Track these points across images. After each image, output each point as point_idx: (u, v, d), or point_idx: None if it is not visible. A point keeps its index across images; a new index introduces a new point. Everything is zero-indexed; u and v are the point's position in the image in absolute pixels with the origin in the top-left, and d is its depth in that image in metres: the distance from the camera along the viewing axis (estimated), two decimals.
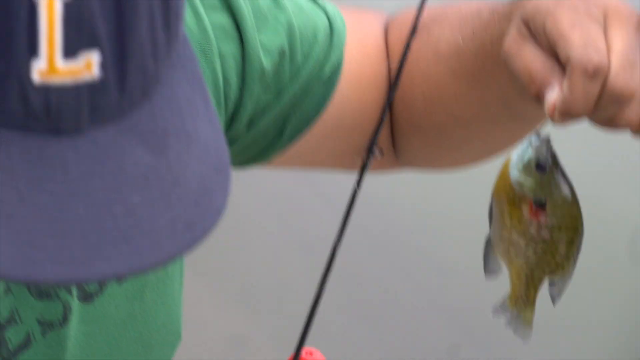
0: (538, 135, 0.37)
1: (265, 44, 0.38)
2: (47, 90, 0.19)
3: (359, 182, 0.39)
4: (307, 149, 0.43)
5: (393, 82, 0.41)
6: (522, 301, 0.40)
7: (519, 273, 0.39)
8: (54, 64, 0.19)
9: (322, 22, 0.41)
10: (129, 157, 0.21)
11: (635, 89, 0.30)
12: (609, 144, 1.34)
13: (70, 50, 0.19)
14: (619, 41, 0.30)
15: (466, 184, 1.30)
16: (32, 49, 0.18)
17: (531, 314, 0.41)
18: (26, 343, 0.34)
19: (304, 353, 0.43)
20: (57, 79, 0.19)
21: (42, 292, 0.34)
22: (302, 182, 1.70)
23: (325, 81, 0.41)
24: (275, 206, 1.81)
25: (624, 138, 0.34)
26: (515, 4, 0.34)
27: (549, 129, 0.37)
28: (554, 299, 0.39)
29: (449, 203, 1.78)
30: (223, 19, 0.38)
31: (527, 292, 0.40)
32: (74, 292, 0.35)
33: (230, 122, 0.39)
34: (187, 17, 0.33)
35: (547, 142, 0.37)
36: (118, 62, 0.20)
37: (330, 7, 0.42)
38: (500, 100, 0.39)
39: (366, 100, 0.42)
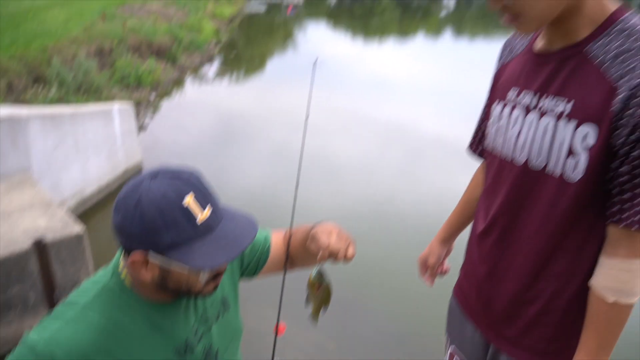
0: (319, 265, 1.06)
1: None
2: (205, 222, 0.89)
3: (284, 273, 1.22)
4: (266, 270, 1.24)
5: (287, 251, 1.20)
6: (315, 315, 1.11)
7: (314, 306, 1.10)
8: (202, 216, 0.88)
9: (264, 233, 1.26)
10: (237, 221, 0.95)
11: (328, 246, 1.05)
12: None
13: (204, 208, 0.89)
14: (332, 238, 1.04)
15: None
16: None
17: (317, 320, 1.11)
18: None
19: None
20: (204, 217, 0.88)
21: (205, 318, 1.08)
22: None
23: (266, 250, 1.23)
24: None
25: None
26: (313, 228, 1.10)
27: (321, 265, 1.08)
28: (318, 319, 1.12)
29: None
30: None
31: (316, 312, 1.11)
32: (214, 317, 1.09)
33: (241, 266, 1.21)
34: None
35: (322, 266, 1.07)
36: (214, 207, 0.91)
37: (266, 231, 1.27)
38: (306, 254, 1.13)
39: (279, 256, 1.24)
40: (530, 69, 1.16)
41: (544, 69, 1.11)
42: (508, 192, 1.19)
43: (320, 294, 1.07)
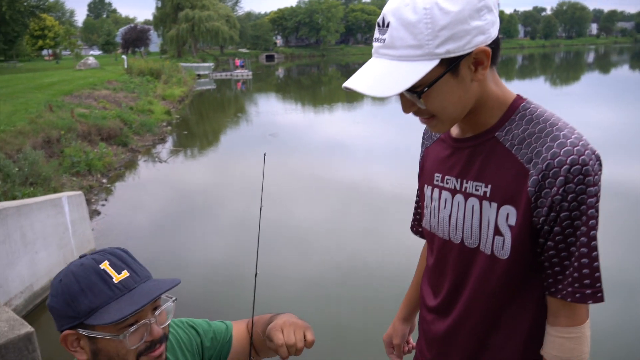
0: None
1: (206, 334, 1.18)
2: (121, 282, 0.90)
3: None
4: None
5: (250, 339, 1.19)
6: None
7: None
8: (118, 277, 0.90)
9: (225, 325, 1.23)
10: (160, 282, 0.93)
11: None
12: None
13: (120, 272, 0.91)
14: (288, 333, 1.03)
15: None
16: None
17: None
18: None
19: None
20: (120, 278, 0.90)
21: None
22: None
23: (227, 341, 1.20)
24: None
25: None
26: (273, 319, 1.11)
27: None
28: None
29: None
30: (193, 332, 1.17)
31: None
32: None
33: (203, 358, 1.18)
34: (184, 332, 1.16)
35: None
36: (135, 271, 0.93)
37: (227, 322, 1.25)
38: (266, 345, 1.09)
39: (242, 346, 1.20)
40: (448, 154, 1.22)
41: (462, 155, 1.17)
42: (454, 269, 1.23)
43: None
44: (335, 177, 8.87)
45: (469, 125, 1.15)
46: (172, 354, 1.08)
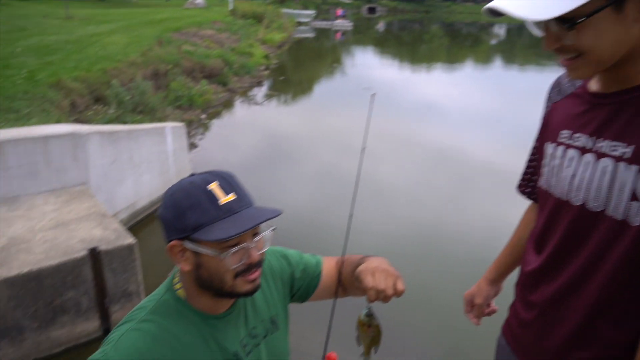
0: (368, 306, 1.08)
1: (297, 266, 1.23)
2: (227, 204, 0.94)
3: (334, 301, 1.23)
4: (317, 296, 1.26)
5: (339, 277, 1.22)
6: (367, 355, 1.12)
7: (365, 345, 1.11)
8: (224, 199, 0.94)
9: (316, 260, 1.27)
10: (263, 209, 0.98)
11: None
12: None
13: (227, 194, 0.96)
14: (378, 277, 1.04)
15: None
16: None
17: (369, 359, 1.14)
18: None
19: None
20: (226, 200, 0.94)
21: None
22: None
23: (316, 276, 1.25)
24: None
25: None
26: (363, 261, 1.12)
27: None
28: (371, 356, 1.15)
29: None
30: (284, 262, 1.23)
31: (367, 352, 1.13)
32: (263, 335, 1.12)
33: (292, 289, 1.23)
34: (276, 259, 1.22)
35: (371, 308, 1.08)
36: (240, 196, 0.97)
37: (318, 257, 1.29)
38: (354, 285, 1.11)
39: (330, 282, 1.25)
40: (583, 111, 1.12)
41: (600, 112, 1.07)
42: (565, 233, 1.14)
43: (370, 333, 1.08)
44: (425, 139, 8.68)
45: (615, 79, 1.04)
46: (264, 280, 1.14)
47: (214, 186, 0.93)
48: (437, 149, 8.14)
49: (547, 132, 1.24)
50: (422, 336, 3.68)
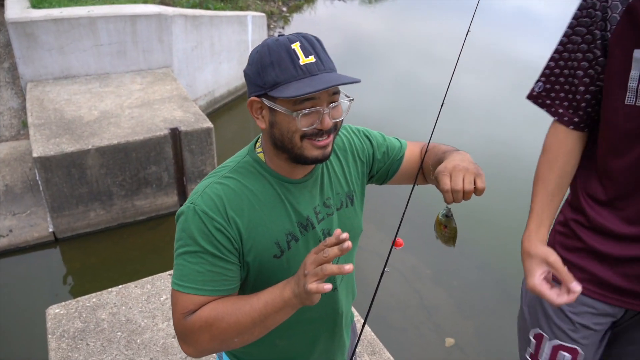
0: (447, 206, 1.06)
1: (379, 147, 1.21)
2: (306, 65, 0.93)
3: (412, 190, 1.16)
4: (397, 180, 1.24)
5: (421, 162, 1.19)
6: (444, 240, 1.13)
7: (443, 241, 1.12)
8: (304, 60, 0.93)
9: (400, 144, 1.24)
10: (342, 75, 0.94)
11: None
12: None
13: (307, 55, 0.94)
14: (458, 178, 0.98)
15: None
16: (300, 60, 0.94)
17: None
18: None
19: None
20: (306, 61, 0.93)
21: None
22: None
23: (398, 159, 1.22)
24: None
25: None
26: (446, 156, 1.09)
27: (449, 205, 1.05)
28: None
29: None
30: (367, 142, 1.21)
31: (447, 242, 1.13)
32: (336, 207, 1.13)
33: (371, 169, 1.22)
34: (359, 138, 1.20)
35: (449, 209, 1.08)
36: (321, 60, 0.95)
37: (403, 141, 1.26)
38: (432, 178, 1.06)
39: (411, 168, 1.22)
40: None
41: None
42: None
43: (447, 234, 1.07)
44: (516, 54, 8.07)
45: None
46: (343, 156, 1.15)
47: (296, 46, 0.93)
48: (528, 63, 7.56)
49: (630, 37, 1.04)
50: (480, 251, 3.70)
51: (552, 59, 1.23)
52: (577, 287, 1.07)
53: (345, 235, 0.81)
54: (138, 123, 3.71)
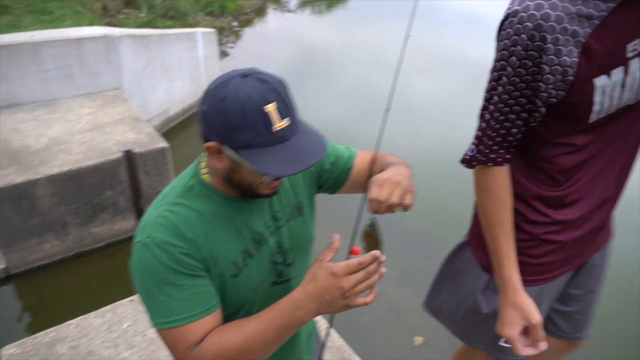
0: (372, 217, 1.02)
1: (327, 157, 1.19)
2: (280, 131, 0.89)
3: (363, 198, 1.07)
4: (346, 190, 1.22)
5: (369, 172, 1.17)
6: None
7: (367, 252, 0.96)
8: (279, 125, 0.88)
9: (349, 153, 1.22)
10: (310, 137, 0.95)
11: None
12: None
13: (283, 118, 0.89)
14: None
15: None
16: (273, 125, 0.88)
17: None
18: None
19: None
20: (281, 126, 0.89)
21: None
22: None
23: (347, 169, 1.20)
24: None
25: None
26: (389, 168, 1.09)
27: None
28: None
29: None
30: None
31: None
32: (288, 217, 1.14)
33: (319, 180, 1.21)
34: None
35: (374, 219, 1.02)
36: (294, 120, 0.92)
37: (353, 150, 1.24)
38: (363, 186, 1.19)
39: (361, 178, 1.19)
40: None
41: None
42: (631, 144, 1.21)
43: (371, 244, 1.03)
44: (464, 55, 8.31)
45: None
46: None
47: (271, 108, 0.87)
48: (477, 63, 7.80)
49: (590, 69, 1.07)
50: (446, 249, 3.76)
51: (484, 119, 1.21)
52: (544, 346, 1.21)
53: (382, 257, 0.91)
54: (90, 148, 3.62)
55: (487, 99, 1.19)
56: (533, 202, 1.27)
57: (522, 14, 1.02)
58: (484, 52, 8.78)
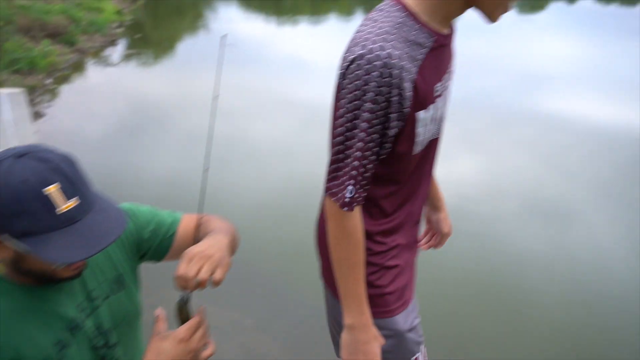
0: (184, 293, 0.99)
1: (147, 225, 1.16)
2: (67, 212, 0.83)
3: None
4: (173, 256, 1.18)
5: (194, 238, 1.12)
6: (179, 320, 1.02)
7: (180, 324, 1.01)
8: (65, 207, 0.82)
9: (172, 219, 1.20)
10: (107, 213, 0.89)
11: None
12: None
13: (70, 198, 0.84)
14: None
15: None
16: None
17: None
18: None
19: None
20: (66, 208, 0.82)
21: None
22: None
23: (170, 236, 1.18)
24: None
25: None
26: (205, 238, 1.09)
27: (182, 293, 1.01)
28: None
29: None
30: (131, 222, 1.13)
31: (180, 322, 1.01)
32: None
33: (139, 250, 1.15)
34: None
35: (185, 295, 0.99)
36: (84, 197, 0.86)
37: (176, 215, 1.22)
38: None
39: (187, 243, 1.10)
40: (444, 55, 1.27)
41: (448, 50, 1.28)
42: (430, 170, 1.44)
43: (184, 321, 0.99)
44: (295, 97, 8.70)
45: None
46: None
47: (53, 189, 0.79)
48: (307, 104, 8.21)
49: (417, 103, 1.18)
50: (302, 289, 3.76)
51: (354, 157, 1.17)
52: None
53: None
54: None
55: (349, 138, 1.17)
56: (376, 237, 1.35)
57: (369, 55, 1.11)
58: (311, 94, 9.37)
